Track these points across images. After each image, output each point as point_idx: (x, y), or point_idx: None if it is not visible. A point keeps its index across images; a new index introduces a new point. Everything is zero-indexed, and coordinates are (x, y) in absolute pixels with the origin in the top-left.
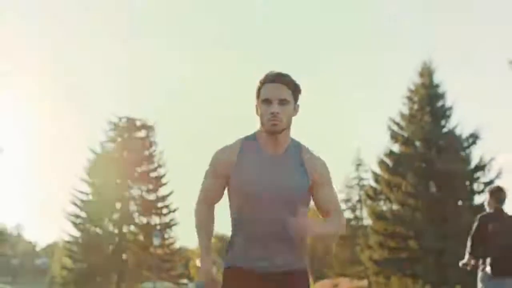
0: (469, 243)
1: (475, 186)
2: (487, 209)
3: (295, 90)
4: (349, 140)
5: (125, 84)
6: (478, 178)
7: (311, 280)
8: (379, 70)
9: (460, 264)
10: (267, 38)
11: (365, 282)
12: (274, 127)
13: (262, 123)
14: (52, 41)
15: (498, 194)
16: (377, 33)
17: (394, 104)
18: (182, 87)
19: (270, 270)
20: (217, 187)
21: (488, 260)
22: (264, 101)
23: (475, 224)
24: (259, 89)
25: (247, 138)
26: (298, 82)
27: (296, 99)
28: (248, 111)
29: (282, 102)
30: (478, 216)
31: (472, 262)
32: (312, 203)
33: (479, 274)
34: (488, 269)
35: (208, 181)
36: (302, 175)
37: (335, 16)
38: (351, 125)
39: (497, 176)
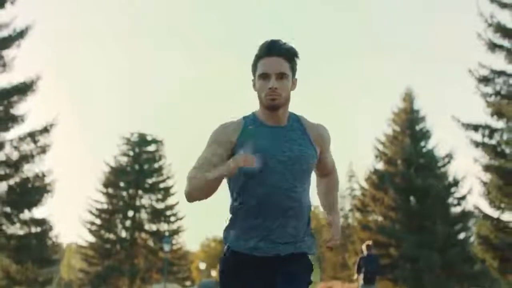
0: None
1: (450, 200)
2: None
3: (293, 62)
4: (343, 151)
5: (136, 101)
6: (452, 193)
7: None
8: (378, 79)
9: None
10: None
11: (355, 285)
12: (273, 102)
13: (260, 99)
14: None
15: (367, 246)
16: (376, 43)
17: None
18: (191, 107)
19: (272, 253)
20: (215, 155)
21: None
22: (261, 75)
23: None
24: (255, 63)
25: (247, 116)
26: (296, 50)
27: (294, 71)
28: None
29: (281, 76)
30: (359, 256)
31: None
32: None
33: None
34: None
35: (205, 151)
36: (309, 144)
37: (335, 19)
38: (346, 136)
39: (469, 192)
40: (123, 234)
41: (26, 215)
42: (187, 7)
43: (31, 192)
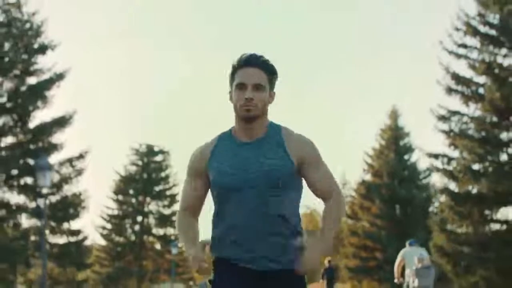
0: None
1: (430, 209)
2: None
3: (272, 74)
4: (336, 159)
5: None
6: (433, 202)
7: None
8: (372, 87)
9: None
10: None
11: (347, 285)
12: (248, 113)
13: (236, 110)
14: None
15: (328, 261)
16: (368, 52)
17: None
18: (191, 107)
19: (252, 268)
20: (195, 189)
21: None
22: (237, 85)
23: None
24: (232, 73)
25: (223, 133)
26: (274, 65)
27: (272, 84)
28: None
29: (257, 87)
30: (323, 267)
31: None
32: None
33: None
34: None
35: (186, 186)
36: (282, 156)
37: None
38: (341, 144)
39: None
40: (132, 237)
41: (65, 226)
42: (187, 7)
43: (70, 208)
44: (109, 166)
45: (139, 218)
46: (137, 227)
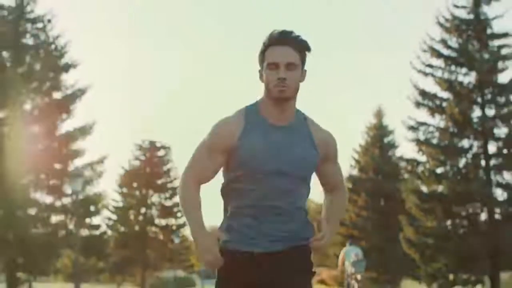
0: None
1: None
2: None
3: (304, 52)
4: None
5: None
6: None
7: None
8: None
9: None
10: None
11: (335, 271)
12: (282, 94)
13: (268, 90)
14: None
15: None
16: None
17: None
18: (191, 107)
19: (270, 249)
20: (213, 163)
21: None
22: (269, 65)
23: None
24: (263, 52)
25: (249, 109)
26: (307, 41)
27: (303, 62)
28: None
29: (290, 66)
30: None
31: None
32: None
33: None
34: None
35: (204, 157)
36: (311, 148)
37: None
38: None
39: None
40: (136, 228)
41: (87, 221)
42: (187, 8)
43: (91, 206)
44: (114, 162)
45: (143, 210)
46: (140, 218)
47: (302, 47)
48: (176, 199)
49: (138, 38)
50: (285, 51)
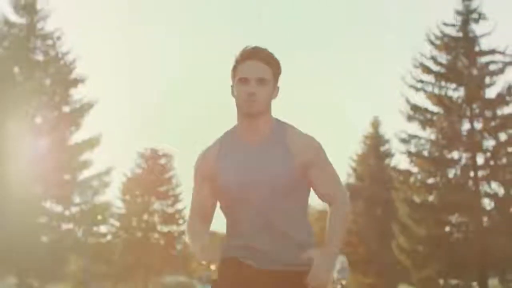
0: None
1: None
2: None
3: (276, 68)
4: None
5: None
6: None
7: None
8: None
9: None
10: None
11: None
12: (251, 109)
13: (238, 105)
14: None
15: None
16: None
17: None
18: (199, 124)
19: (262, 268)
20: (204, 194)
21: None
22: (240, 80)
23: None
24: (235, 67)
25: (226, 132)
26: (278, 59)
27: (276, 79)
28: None
29: (261, 81)
30: None
31: None
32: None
33: None
34: None
35: (193, 193)
36: (285, 161)
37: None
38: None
39: None
40: (139, 234)
41: (95, 229)
42: (188, 8)
43: (99, 214)
44: (119, 171)
45: (145, 217)
46: (143, 225)
47: (274, 63)
48: (178, 205)
49: (140, 37)
50: (256, 66)
